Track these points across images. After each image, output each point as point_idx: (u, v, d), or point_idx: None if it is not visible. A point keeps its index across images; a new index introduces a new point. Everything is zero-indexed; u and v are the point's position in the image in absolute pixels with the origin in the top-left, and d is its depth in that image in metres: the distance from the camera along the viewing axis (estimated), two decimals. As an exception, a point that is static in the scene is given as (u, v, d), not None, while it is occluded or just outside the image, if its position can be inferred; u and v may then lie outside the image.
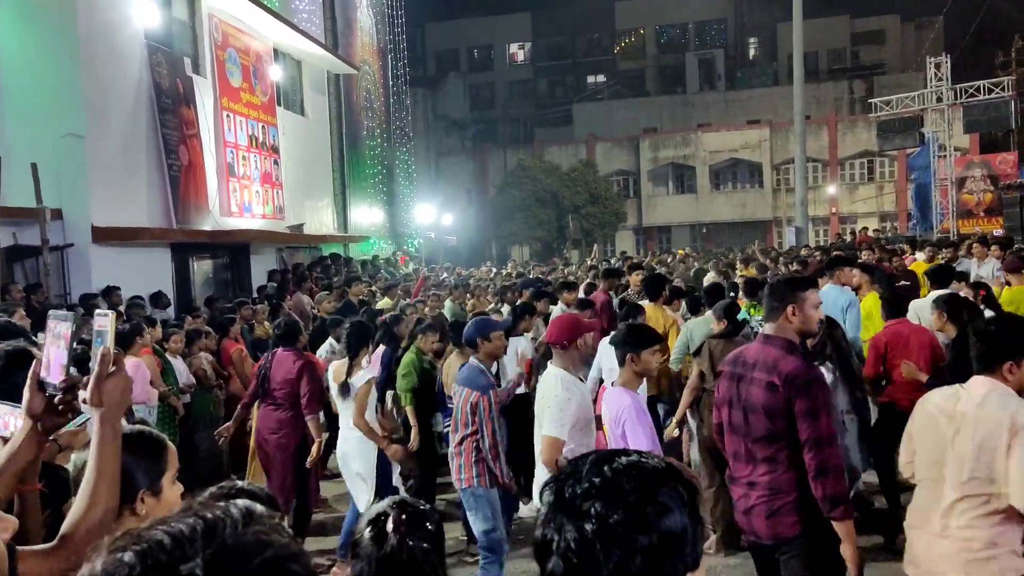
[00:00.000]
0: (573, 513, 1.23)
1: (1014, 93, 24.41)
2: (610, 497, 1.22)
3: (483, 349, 5.02)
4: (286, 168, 17.92)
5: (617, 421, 3.99)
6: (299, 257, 18.24)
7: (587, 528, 1.21)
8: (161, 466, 2.09)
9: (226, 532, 0.96)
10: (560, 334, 4.34)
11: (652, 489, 1.24)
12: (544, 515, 1.27)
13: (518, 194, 36.18)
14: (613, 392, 4.22)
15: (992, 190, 25.18)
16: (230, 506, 0.99)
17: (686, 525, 1.23)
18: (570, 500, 1.24)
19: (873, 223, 35.15)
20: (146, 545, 0.94)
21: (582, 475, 1.27)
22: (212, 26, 15.11)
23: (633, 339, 4.22)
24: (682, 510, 1.24)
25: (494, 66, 53.12)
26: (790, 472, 3.43)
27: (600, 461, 1.29)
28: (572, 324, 4.47)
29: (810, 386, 3.39)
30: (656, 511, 1.22)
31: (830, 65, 46.71)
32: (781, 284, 3.71)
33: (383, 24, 26.40)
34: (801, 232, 25.65)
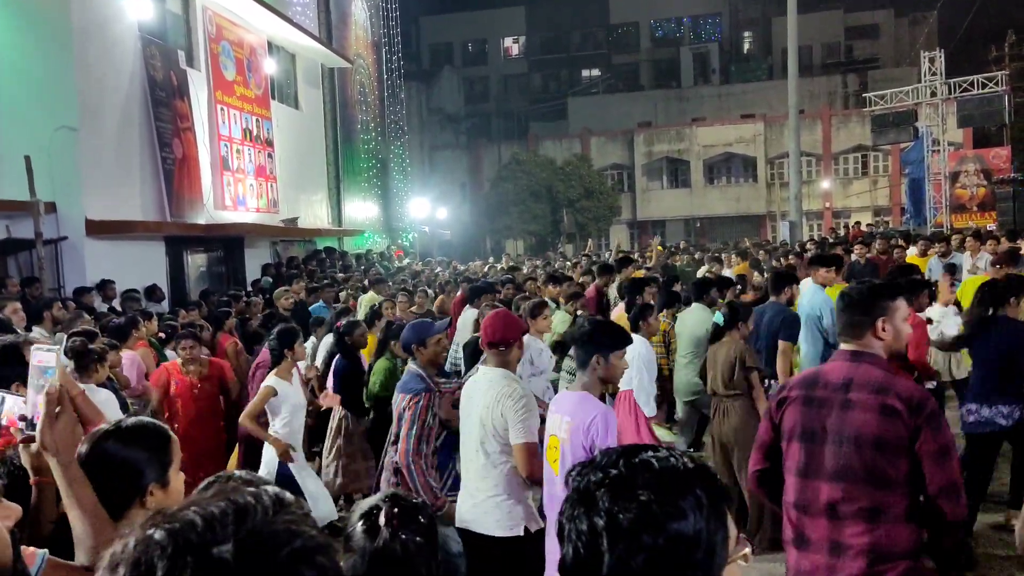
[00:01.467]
0: (588, 503, 1.23)
1: (1008, 88, 24.50)
2: (620, 492, 1.22)
3: (422, 356, 4.53)
4: (280, 162, 17.88)
5: (585, 432, 3.45)
6: (293, 251, 18.22)
7: (597, 521, 1.21)
8: (168, 457, 2.09)
9: (257, 518, 0.96)
10: (503, 332, 3.92)
11: (667, 489, 1.21)
12: (566, 502, 1.28)
13: (512, 188, 36.16)
14: (574, 397, 3.65)
15: (985, 184, 25.30)
16: (262, 492, 0.99)
17: (700, 530, 1.20)
18: (586, 490, 1.25)
19: (867, 217, 35.26)
20: (178, 524, 0.94)
21: (603, 466, 1.27)
22: (206, 19, 15.06)
23: (602, 338, 3.68)
24: (698, 515, 1.21)
25: (488, 60, 53.01)
26: (903, 528, 2.71)
27: (626, 454, 1.28)
28: (514, 322, 4.15)
29: (938, 417, 2.70)
30: (666, 512, 1.19)
31: (824, 59, 46.74)
32: (865, 293, 2.97)
33: (377, 18, 26.33)
34: (795, 226, 25.69)
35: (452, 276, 16.16)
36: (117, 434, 2.06)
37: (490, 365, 3.95)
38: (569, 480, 1.30)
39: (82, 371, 5.23)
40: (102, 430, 2.05)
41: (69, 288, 10.67)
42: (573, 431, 3.49)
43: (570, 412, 3.56)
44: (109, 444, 2.04)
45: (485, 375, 3.95)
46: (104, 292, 10.35)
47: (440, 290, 12.39)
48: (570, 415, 3.54)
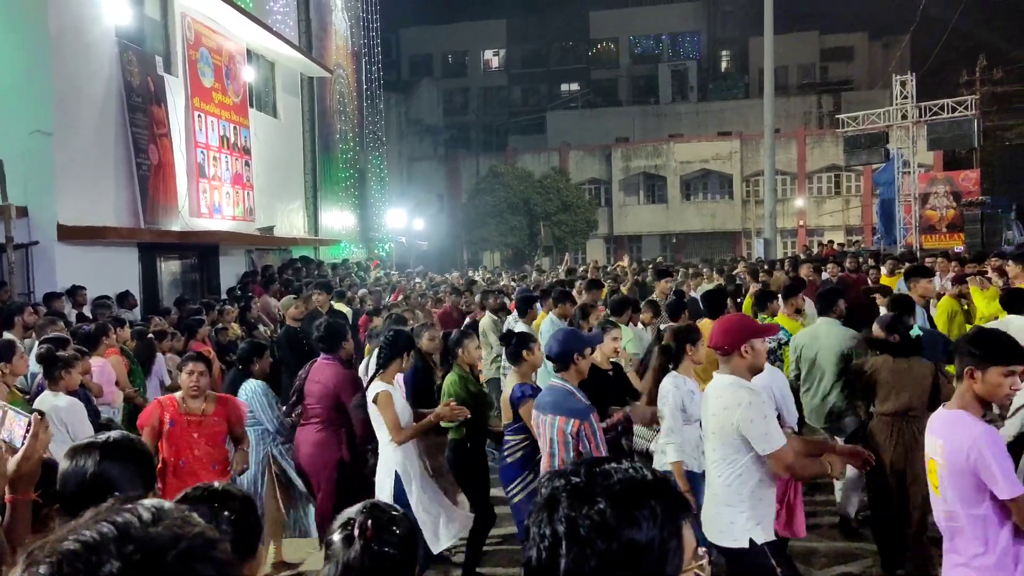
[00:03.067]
0: (552, 509, 1.29)
1: (977, 112, 24.95)
2: (580, 499, 1.28)
3: (576, 370, 4.38)
4: (257, 170, 17.82)
5: (964, 455, 3.06)
6: (269, 259, 18.13)
7: (558, 527, 1.27)
8: (152, 473, 2.11)
9: (138, 531, 0.97)
10: (727, 337, 3.67)
11: (624, 498, 1.27)
12: (533, 508, 1.34)
13: (490, 200, 36.25)
14: (947, 416, 3.23)
15: (954, 206, 25.67)
16: (138, 507, 1.01)
17: (653, 539, 1.26)
18: (553, 496, 1.31)
19: (839, 236, 35.69)
20: (60, 556, 0.94)
21: (568, 474, 1.34)
22: (184, 25, 15.01)
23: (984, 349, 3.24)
24: (652, 524, 1.26)
25: (468, 72, 53.18)
26: None
27: (586, 464, 1.35)
28: (743, 325, 3.78)
29: None
30: (620, 520, 1.25)
31: (800, 80, 47.39)
32: None
33: (358, 28, 26.37)
34: (769, 244, 25.98)
35: (428, 287, 16.19)
36: (104, 450, 2.07)
37: (721, 372, 3.75)
38: (540, 487, 1.36)
39: (49, 379, 5.20)
40: (84, 445, 2.06)
41: (39, 293, 10.54)
42: (949, 454, 3.10)
43: (942, 432, 3.16)
44: (97, 461, 2.05)
45: (720, 382, 3.73)
46: (74, 298, 10.25)
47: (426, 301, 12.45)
48: (943, 436, 3.15)
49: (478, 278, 18.58)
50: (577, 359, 4.34)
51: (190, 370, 5.11)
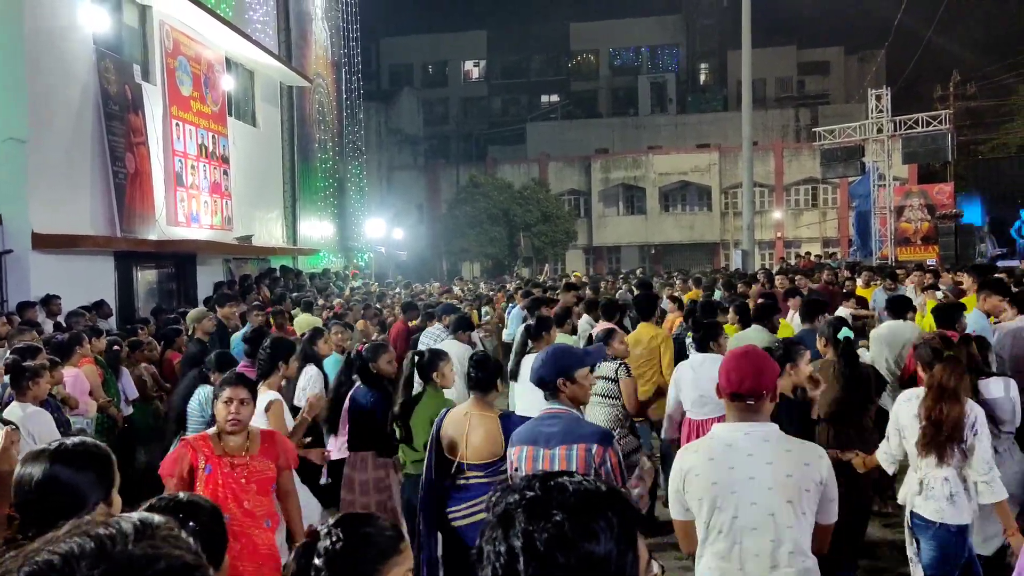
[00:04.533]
0: (507, 525, 1.27)
1: (951, 126, 25.33)
2: (536, 513, 1.27)
3: (569, 393, 3.53)
4: (236, 179, 17.73)
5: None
6: (247, 269, 18.02)
7: (515, 543, 1.25)
8: (111, 477, 2.07)
9: (116, 548, 0.94)
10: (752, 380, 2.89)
11: (581, 511, 1.27)
12: (487, 525, 1.31)
13: (470, 210, 36.28)
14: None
15: (929, 219, 26.03)
16: (121, 521, 0.98)
17: (611, 551, 1.25)
18: (506, 511, 1.29)
19: (817, 248, 36.06)
20: (33, 568, 0.92)
21: (521, 488, 1.32)
22: (163, 33, 14.93)
23: None
24: (609, 536, 1.26)
25: (448, 82, 53.30)
26: None
27: (540, 478, 1.34)
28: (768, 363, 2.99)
29: None
30: (579, 533, 1.24)
31: (777, 93, 47.93)
32: None
33: (338, 37, 26.35)
34: (748, 255, 26.15)
35: (407, 298, 16.11)
36: (61, 456, 2.05)
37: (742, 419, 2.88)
38: (489, 505, 1.34)
39: (17, 389, 5.12)
40: (36, 451, 2.03)
41: (13, 303, 10.41)
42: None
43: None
44: (45, 468, 2.02)
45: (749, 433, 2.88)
46: (48, 307, 10.13)
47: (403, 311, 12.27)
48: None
49: (457, 289, 18.56)
50: (563, 384, 3.50)
51: (227, 397, 3.85)
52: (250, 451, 3.92)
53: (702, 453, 2.88)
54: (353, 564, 1.93)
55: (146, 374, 8.25)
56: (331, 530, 2.05)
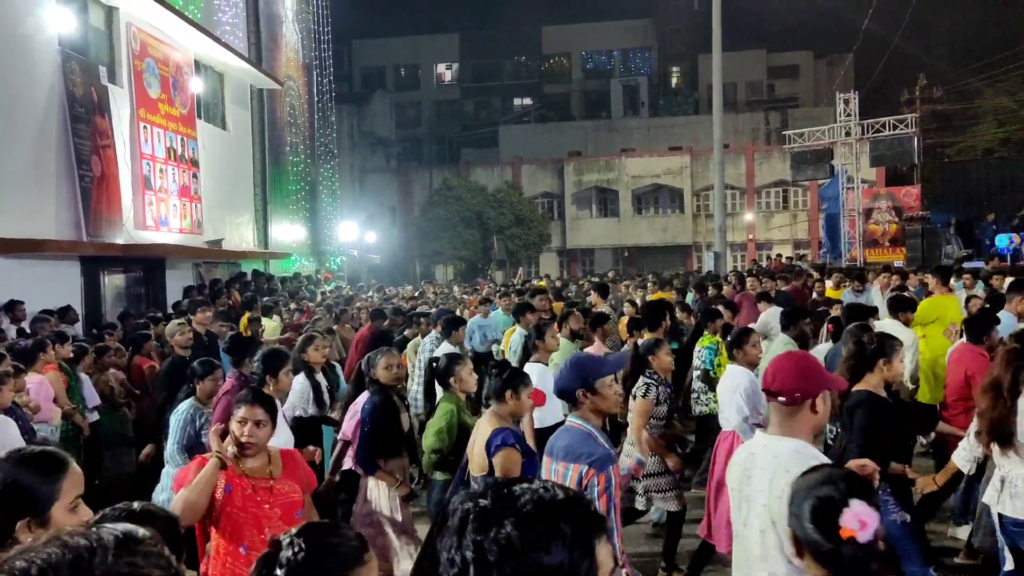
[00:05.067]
0: (460, 534, 1.26)
1: (917, 130, 25.66)
2: (486, 523, 1.24)
3: (590, 405, 3.40)
4: (205, 182, 17.55)
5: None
6: (217, 273, 17.83)
7: (466, 553, 1.23)
8: (55, 487, 2.01)
9: (95, 562, 0.92)
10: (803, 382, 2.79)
11: (532, 521, 1.24)
12: (444, 531, 1.29)
13: (443, 213, 36.21)
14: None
15: (896, 221, 26.34)
16: (103, 532, 0.95)
17: (563, 561, 1.23)
18: (462, 520, 1.27)
19: (787, 250, 36.39)
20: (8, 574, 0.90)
21: (475, 496, 1.30)
22: (130, 35, 14.74)
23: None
24: (561, 546, 1.23)
25: (421, 85, 53.17)
26: None
27: (494, 485, 1.32)
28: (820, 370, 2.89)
29: None
30: (528, 543, 1.22)
31: (748, 97, 48.34)
32: None
33: (309, 40, 26.18)
34: (719, 257, 26.30)
35: (382, 302, 16.02)
36: (21, 463, 2.00)
37: (771, 431, 2.84)
38: (447, 512, 1.32)
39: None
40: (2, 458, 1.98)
41: (-25, 308, 10.21)
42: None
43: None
44: (12, 473, 1.97)
45: (768, 445, 2.83)
46: (12, 313, 9.95)
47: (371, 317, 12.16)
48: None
49: (429, 293, 18.50)
50: (582, 395, 3.36)
51: (242, 417, 3.49)
52: (273, 473, 3.55)
53: (737, 456, 2.97)
54: (315, 575, 1.88)
55: (113, 380, 8.13)
56: (292, 540, 1.99)
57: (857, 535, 1.92)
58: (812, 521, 2.00)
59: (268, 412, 3.54)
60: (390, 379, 5.25)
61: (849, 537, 1.93)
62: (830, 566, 1.98)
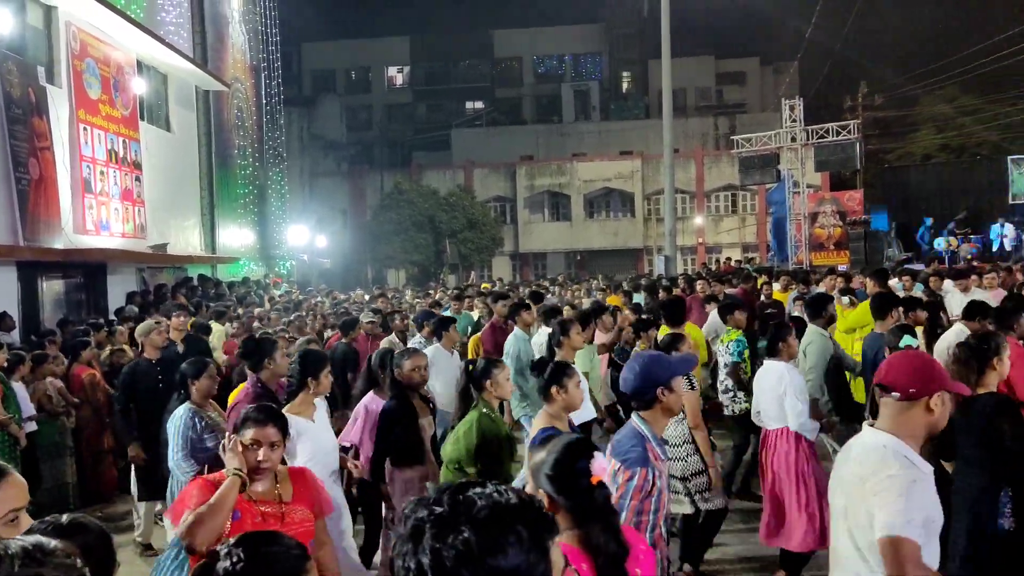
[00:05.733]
0: (415, 541, 1.26)
1: (859, 136, 26.30)
2: (444, 529, 1.25)
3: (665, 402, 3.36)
4: (149, 185, 17.18)
5: None
6: (162, 278, 17.47)
7: (423, 560, 1.24)
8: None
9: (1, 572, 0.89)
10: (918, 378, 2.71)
11: (489, 525, 1.26)
12: (398, 537, 1.30)
13: (395, 217, 36.00)
14: None
15: (841, 225, 26.93)
16: (12, 543, 0.92)
17: (520, 565, 1.25)
18: (416, 527, 1.27)
19: (736, 253, 36.96)
20: None
21: (431, 503, 1.30)
22: (69, 35, 14.37)
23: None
24: (518, 550, 1.25)
25: (372, 88, 52.86)
26: None
27: (450, 491, 1.32)
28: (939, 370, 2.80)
29: None
30: (485, 548, 1.23)
31: (697, 102, 49.00)
32: None
33: (256, 41, 25.81)
34: (670, 261, 26.57)
35: (332, 307, 15.84)
36: None
37: (880, 426, 2.74)
38: (403, 518, 1.32)
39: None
40: None
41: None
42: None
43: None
44: None
45: (863, 438, 2.80)
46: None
47: (324, 322, 12.00)
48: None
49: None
50: (663, 394, 3.33)
51: (253, 439, 3.12)
52: (283, 497, 3.19)
53: (842, 452, 2.97)
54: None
55: (51, 389, 7.91)
56: (231, 550, 1.95)
57: (605, 479, 2.24)
58: (555, 474, 2.26)
59: (281, 431, 3.20)
60: (416, 381, 5.03)
61: (599, 482, 2.21)
62: (577, 515, 2.23)
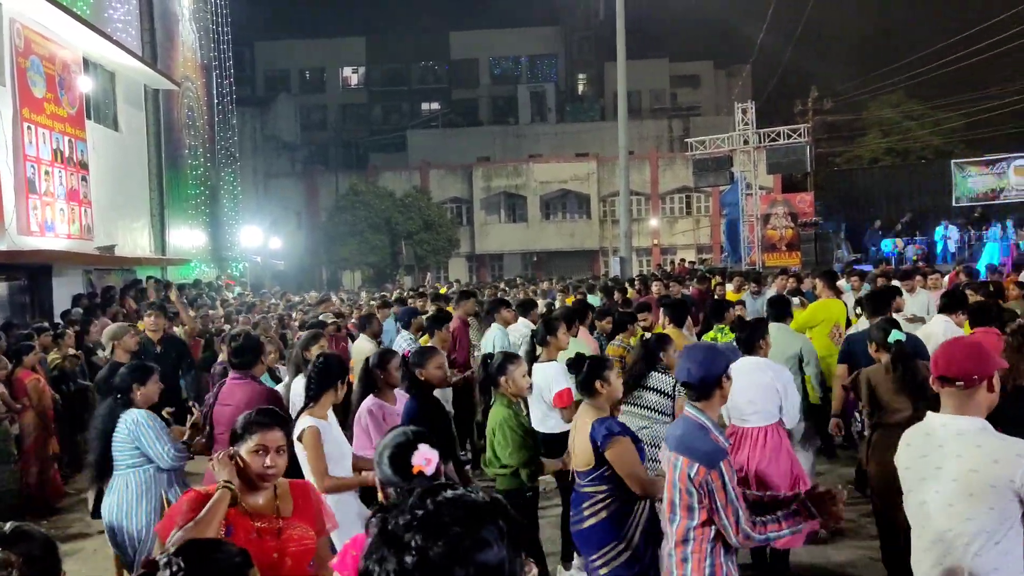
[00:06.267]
0: (395, 545, 1.27)
1: (810, 139, 26.78)
2: (431, 530, 1.27)
3: (724, 391, 3.40)
4: (96, 185, 16.80)
5: None
6: (110, 280, 17.09)
7: (407, 560, 1.25)
8: None
9: None
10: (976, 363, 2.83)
11: (472, 523, 1.29)
12: (368, 546, 1.31)
13: (350, 219, 35.72)
14: None
15: (792, 227, 27.40)
16: None
17: (503, 559, 1.28)
18: (393, 532, 1.28)
19: (691, 254, 37.39)
20: None
21: (407, 508, 1.32)
22: (13, 32, 13.98)
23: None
24: (500, 545, 1.28)
25: (327, 88, 52.40)
26: None
27: (425, 494, 1.34)
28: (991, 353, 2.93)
29: None
30: (474, 544, 1.26)
31: (652, 104, 49.47)
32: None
33: (208, 40, 25.41)
34: (625, 262, 26.78)
35: (286, 309, 15.65)
36: None
37: (947, 412, 2.86)
38: (370, 524, 1.37)
39: None
40: None
41: None
42: None
43: None
44: None
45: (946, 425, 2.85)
46: None
47: (281, 324, 11.86)
48: None
49: (335, 299, 18.18)
50: (724, 383, 3.37)
51: (258, 445, 2.89)
52: (281, 511, 2.91)
53: (907, 438, 3.01)
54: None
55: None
56: (171, 559, 1.92)
57: (424, 470, 2.44)
58: (390, 465, 2.53)
59: (287, 435, 2.99)
60: (440, 379, 4.94)
61: (419, 472, 2.43)
62: None
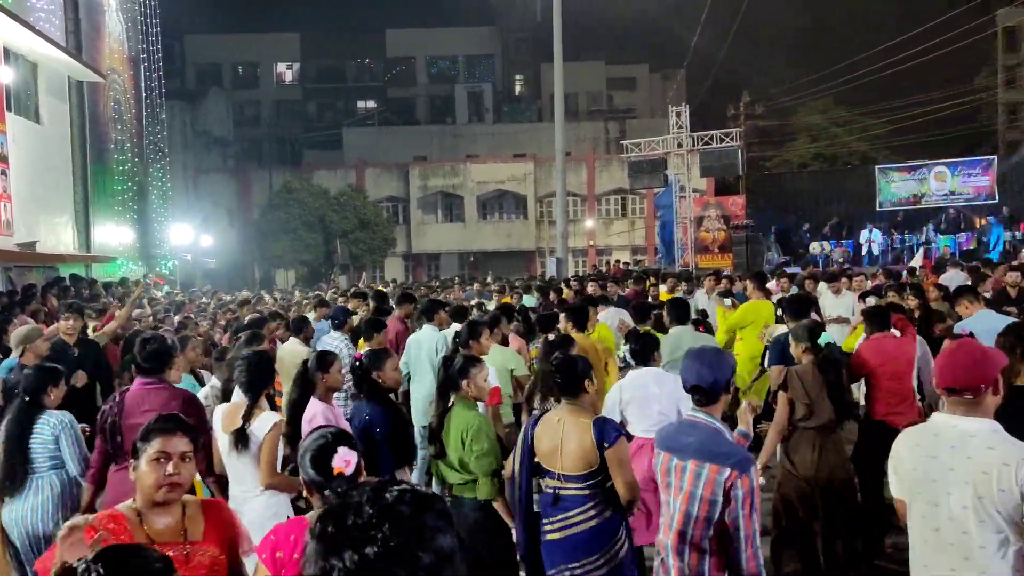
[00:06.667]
0: (353, 541, 1.30)
1: (742, 143, 27.40)
2: (392, 521, 1.32)
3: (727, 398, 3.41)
4: (16, 179, 16.19)
5: None
6: (31, 278, 16.47)
7: (369, 552, 1.29)
8: None
9: None
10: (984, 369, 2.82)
11: (426, 512, 1.36)
12: (318, 549, 1.33)
13: (284, 216, 35.13)
14: None
15: (725, 229, 27.99)
16: None
17: (455, 546, 1.35)
18: (351, 529, 1.32)
19: (626, 255, 37.86)
20: None
21: (361, 505, 1.36)
22: (-74, 16, 13.38)
23: None
24: (450, 531, 1.36)
25: (260, 84, 51.48)
26: None
27: (376, 490, 1.39)
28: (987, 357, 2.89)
29: None
30: (432, 531, 1.33)
31: (588, 106, 49.92)
32: None
33: (135, 31, 24.68)
34: (562, 263, 26.98)
35: (217, 307, 15.29)
36: None
37: (955, 412, 2.83)
38: (316, 527, 1.36)
39: None
40: None
41: None
42: None
43: None
44: None
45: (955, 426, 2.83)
46: None
47: (212, 323, 11.58)
48: None
49: (268, 298, 17.84)
50: (730, 388, 3.37)
51: (159, 452, 2.62)
52: (189, 534, 2.62)
53: (912, 439, 2.95)
54: None
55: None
56: (89, 565, 1.88)
57: (344, 471, 2.56)
58: (312, 466, 2.61)
59: (193, 441, 2.71)
60: (397, 382, 4.90)
61: (339, 473, 2.55)
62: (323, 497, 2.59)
